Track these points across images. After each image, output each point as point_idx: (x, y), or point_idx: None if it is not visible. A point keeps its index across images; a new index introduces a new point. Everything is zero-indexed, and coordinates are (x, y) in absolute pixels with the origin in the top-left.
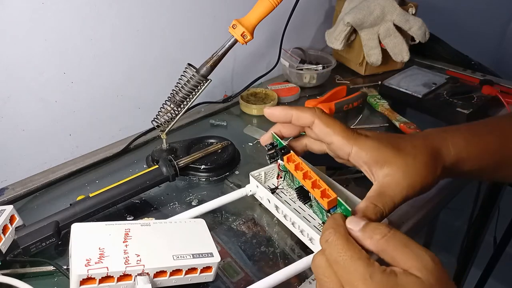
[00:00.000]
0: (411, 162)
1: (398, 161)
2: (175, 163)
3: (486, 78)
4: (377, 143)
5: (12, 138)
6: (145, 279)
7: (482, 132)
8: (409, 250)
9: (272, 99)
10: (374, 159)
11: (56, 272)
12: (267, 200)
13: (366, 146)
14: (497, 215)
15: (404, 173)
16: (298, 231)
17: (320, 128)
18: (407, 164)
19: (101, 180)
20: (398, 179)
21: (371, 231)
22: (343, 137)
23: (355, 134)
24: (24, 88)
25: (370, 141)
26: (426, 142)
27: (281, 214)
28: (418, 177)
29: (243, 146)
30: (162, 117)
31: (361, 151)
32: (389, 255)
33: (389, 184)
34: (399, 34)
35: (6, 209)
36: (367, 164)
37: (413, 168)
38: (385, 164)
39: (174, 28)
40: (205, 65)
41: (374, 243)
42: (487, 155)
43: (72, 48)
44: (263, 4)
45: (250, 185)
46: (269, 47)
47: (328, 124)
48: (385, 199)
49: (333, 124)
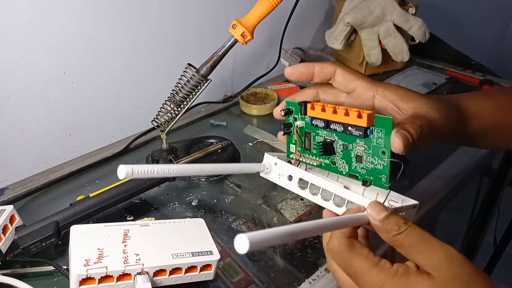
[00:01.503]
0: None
1: (422, 99)
2: (175, 163)
3: (486, 78)
4: (399, 87)
5: (12, 138)
6: (144, 278)
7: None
8: (424, 247)
9: (272, 99)
10: (400, 97)
11: (56, 272)
12: (288, 177)
13: (390, 87)
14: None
15: (430, 106)
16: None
17: (343, 76)
18: (430, 101)
19: (101, 180)
20: (426, 109)
21: (389, 225)
22: (367, 81)
23: (377, 81)
24: (24, 88)
25: (393, 85)
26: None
27: (307, 190)
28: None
29: (243, 146)
30: (162, 117)
31: (386, 91)
32: (405, 251)
33: (420, 112)
34: (399, 34)
35: (6, 209)
36: (394, 101)
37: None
38: (411, 99)
39: (174, 28)
40: (205, 65)
41: (390, 237)
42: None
43: (72, 48)
44: (263, 4)
45: (266, 163)
46: (269, 47)
47: (350, 71)
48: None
49: (355, 72)
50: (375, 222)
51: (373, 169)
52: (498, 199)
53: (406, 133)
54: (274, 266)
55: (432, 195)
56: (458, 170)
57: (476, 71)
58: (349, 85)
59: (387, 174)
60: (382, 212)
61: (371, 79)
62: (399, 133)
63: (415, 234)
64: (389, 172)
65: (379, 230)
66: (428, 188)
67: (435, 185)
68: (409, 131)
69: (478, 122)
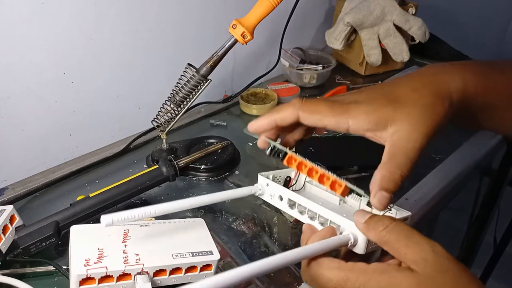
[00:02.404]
0: (413, 109)
1: (400, 114)
2: (175, 163)
3: None
4: (371, 106)
5: (12, 138)
6: (144, 278)
7: (492, 71)
8: (411, 241)
9: (272, 99)
10: (374, 124)
11: (56, 272)
12: (279, 197)
13: (361, 114)
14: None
15: (410, 124)
16: (317, 224)
17: (308, 120)
18: (409, 113)
19: (101, 180)
20: (406, 133)
21: (374, 223)
22: (334, 116)
23: (344, 107)
24: (24, 88)
25: (363, 107)
26: (426, 80)
27: (296, 210)
28: (426, 121)
29: (243, 146)
30: (162, 117)
31: (357, 121)
32: (391, 247)
33: (399, 142)
34: (399, 34)
35: (6, 209)
36: (370, 130)
37: (418, 114)
38: (387, 122)
39: (174, 28)
40: (205, 65)
41: (376, 235)
42: (495, 93)
43: (72, 48)
44: (263, 4)
45: (259, 184)
46: (269, 47)
47: (313, 111)
48: (399, 160)
49: (318, 108)
50: (360, 225)
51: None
52: (498, 199)
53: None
54: None
55: (432, 195)
56: (458, 170)
57: None
58: (318, 125)
59: None
60: (366, 215)
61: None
62: (376, 197)
63: (401, 229)
64: None
65: (366, 230)
66: (428, 188)
67: (435, 185)
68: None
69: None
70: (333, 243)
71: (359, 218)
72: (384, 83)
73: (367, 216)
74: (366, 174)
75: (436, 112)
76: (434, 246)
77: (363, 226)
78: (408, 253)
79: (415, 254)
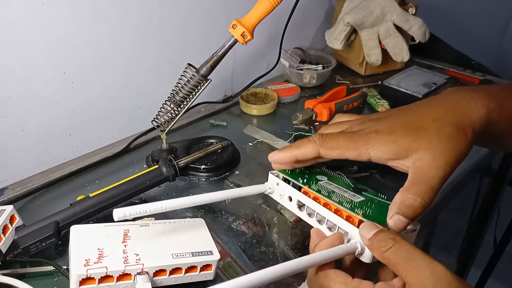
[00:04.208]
0: (436, 139)
1: (422, 143)
2: (175, 163)
3: (486, 78)
4: (391, 136)
5: (12, 138)
6: (144, 278)
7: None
8: (411, 264)
9: (272, 99)
10: (395, 154)
11: (56, 272)
12: (288, 198)
13: (381, 144)
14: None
15: (432, 153)
16: (325, 228)
17: (329, 155)
18: (431, 142)
19: (101, 180)
20: (429, 161)
21: (377, 242)
22: (354, 149)
23: (364, 138)
24: (24, 88)
25: (384, 137)
26: (448, 108)
27: (304, 212)
28: (448, 151)
29: (243, 146)
30: (162, 117)
31: (378, 152)
32: (393, 268)
33: (422, 169)
34: (399, 34)
35: (6, 209)
36: (392, 160)
37: (440, 144)
38: (409, 152)
39: (174, 28)
40: (205, 65)
41: (379, 255)
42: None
43: (72, 48)
44: (263, 4)
45: (269, 183)
46: (269, 47)
47: (333, 147)
48: (421, 188)
49: (339, 144)
50: (365, 240)
51: None
52: (498, 199)
53: (401, 218)
54: None
55: None
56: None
57: (476, 71)
58: (340, 158)
59: None
60: (372, 230)
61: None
62: (393, 219)
63: (403, 251)
64: None
65: (370, 248)
66: None
67: None
68: (405, 214)
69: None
70: (340, 251)
71: (364, 233)
72: (403, 110)
73: (372, 231)
74: (366, 174)
75: (458, 143)
76: (435, 269)
77: (367, 242)
78: (408, 277)
79: (414, 279)
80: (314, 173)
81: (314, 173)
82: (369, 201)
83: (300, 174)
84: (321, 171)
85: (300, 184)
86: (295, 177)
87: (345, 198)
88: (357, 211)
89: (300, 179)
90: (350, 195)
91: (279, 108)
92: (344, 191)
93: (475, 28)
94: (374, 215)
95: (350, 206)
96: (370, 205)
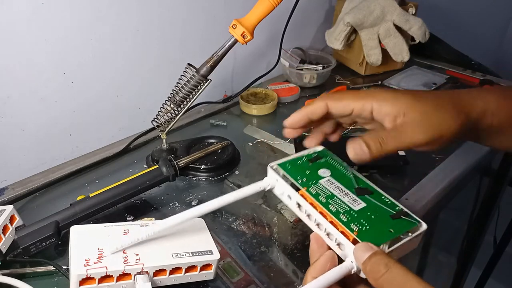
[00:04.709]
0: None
1: (418, 104)
2: (175, 163)
3: (486, 78)
4: (395, 94)
5: (12, 138)
6: (144, 278)
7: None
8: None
9: (272, 99)
10: (395, 109)
11: (56, 272)
12: (288, 196)
13: (384, 98)
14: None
15: (422, 114)
16: (324, 234)
17: (336, 107)
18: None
19: (101, 180)
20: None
21: (371, 266)
22: (359, 100)
23: (369, 92)
24: (24, 88)
25: (389, 94)
26: (450, 93)
27: (303, 213)
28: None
29: (243, 146)
30: (162, 117)
31: (380, 104)
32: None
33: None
34: (399, 34)
35: (6, 209)
36: (389, 115)
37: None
38: (406, 110)
39: (174, 28)
40: (205, 65)
41: (374, 281)
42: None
43: (72, 48)
44: (263, 4)
45: (268, 179)
46: (269, 47)
47: (340, 99)
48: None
49: (344, 96)
50: (359, 265)
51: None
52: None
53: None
54: (274, 266)
55: (432, 195)
56: (458, 170)
57: (476, 71)
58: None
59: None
60: (366, 253)
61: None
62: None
63: (396, 276)
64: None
65: (365, 273)
66: (428, 188)
67: (435, 185)
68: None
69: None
70: (336, 276)
71: (358, 256)
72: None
73: (367, 254)
74: (366, 174)
75: (450, 116)
76: None
77: (361, 267)
78: None
79: None
80: (317, 165)
81: (317, 165)
82: (369, 210)
83: (301, 169)
84: (326, 162)
85: (298, 185)
86: (295, 175)
87: (343, 207)
88: (352, 227)
89: (299, 178)
90: (350, 200)
91: (279, 108)
92: (345, 194)
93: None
94: (371, 232)
95: (347, 219)
96: (369, 216)
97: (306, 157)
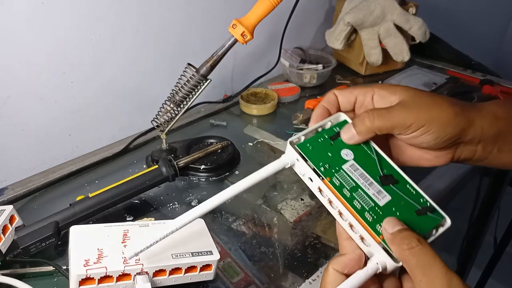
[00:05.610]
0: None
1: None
2: (175, 163)
3: (486, 78)
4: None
5: (12, 138)
6: (144, 278)
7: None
8: (428, 271)
9: (272, 99)
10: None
11: (56, 272)
12: (309, 179)
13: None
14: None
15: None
16: (346, 224)
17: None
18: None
19: (101, 180)
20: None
21: (400, 239)
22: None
23: (372, 85)
24: (24, 88)
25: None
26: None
27: (325, 198)
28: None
29: (243, 146)
30: (162, 117)
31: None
32: (410, 269)
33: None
34: (400, 34)
35: (6, 209)
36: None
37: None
38: (401, 94)
39: (174, 28)
40: (205, 65)
41: (399, 252)
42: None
43: (72, 48)
44: (263, 4)
45: (288, 156)
46: (269, 47)
47: (346, 90)
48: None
49: (350, 88)
50: (387, 234)
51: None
52: (498, 199)
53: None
54: (274, 266)
55: (432, 195)
56: (458, 170)
57: (476, 71)
58: (350, 97)
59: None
60: (396, 227)
61: (366, 86)
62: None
63: (424, 255)
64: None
65: (391, 242)
66: (428, 188)
67: (435, 185)
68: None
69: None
70: (361, 281)
71: (387, 227)
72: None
73: (396, 227)
74: None
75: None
76: (451, 280)
77: (388, 236)
78: (423, 281)
79: (428, 286)
80: (339, 144)
81: (339, 144)
82: (394, 205)
83: (323, 150)
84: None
85: (320, 173)
86: (317, 160)
87: (368, 202)
88: (378, 228)
89: (322, 164)
90: (375, 192)
91: (279, 108)
92: (369, 184)
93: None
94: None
95: (372, 219)
96: (394, 213)
97: (327, 133)
